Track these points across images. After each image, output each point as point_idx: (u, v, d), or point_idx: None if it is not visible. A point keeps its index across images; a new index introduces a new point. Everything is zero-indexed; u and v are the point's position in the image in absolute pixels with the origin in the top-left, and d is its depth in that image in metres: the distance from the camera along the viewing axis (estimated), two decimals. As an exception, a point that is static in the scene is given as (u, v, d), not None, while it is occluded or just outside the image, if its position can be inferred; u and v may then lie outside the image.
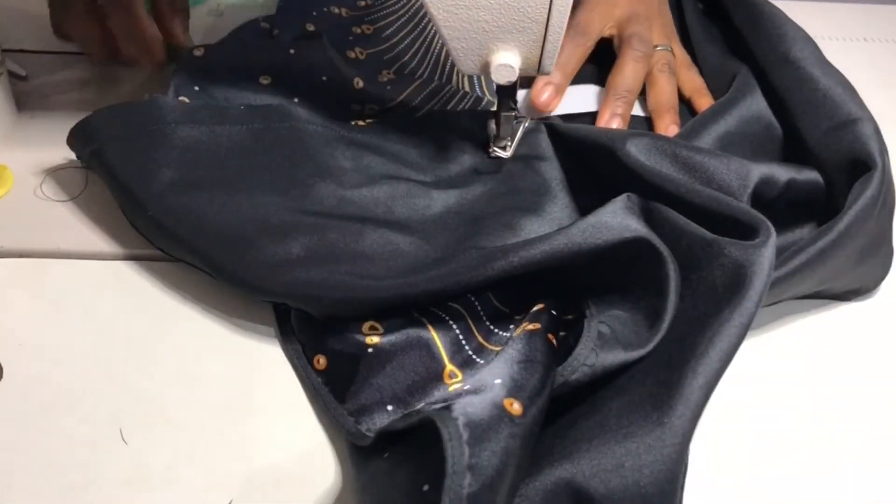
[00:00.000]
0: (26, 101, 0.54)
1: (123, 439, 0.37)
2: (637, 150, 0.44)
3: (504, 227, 0.44)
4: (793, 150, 0.50)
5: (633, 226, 0.39)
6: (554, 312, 0.39)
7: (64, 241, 0.46)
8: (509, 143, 0.49)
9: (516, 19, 0.42)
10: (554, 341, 0.36)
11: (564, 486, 0.31)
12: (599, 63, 0.59)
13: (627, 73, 0.56)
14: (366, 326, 0.39)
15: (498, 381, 0.32)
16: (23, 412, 0.38)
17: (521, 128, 0.50)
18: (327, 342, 0.40)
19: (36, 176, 0.49)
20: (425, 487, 0.29)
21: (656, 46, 0.58)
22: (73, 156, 0.47)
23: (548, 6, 0.41)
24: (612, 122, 0.54)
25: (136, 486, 0.35)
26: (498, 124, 0.48)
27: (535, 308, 0.39)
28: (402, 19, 0.63)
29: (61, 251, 0.45)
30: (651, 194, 0.42)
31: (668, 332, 0.37)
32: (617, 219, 0.39)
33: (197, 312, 0.43)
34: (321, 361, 0.40)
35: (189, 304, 0.43)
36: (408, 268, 0.41)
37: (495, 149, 0.49)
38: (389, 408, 0.37)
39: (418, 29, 0.62)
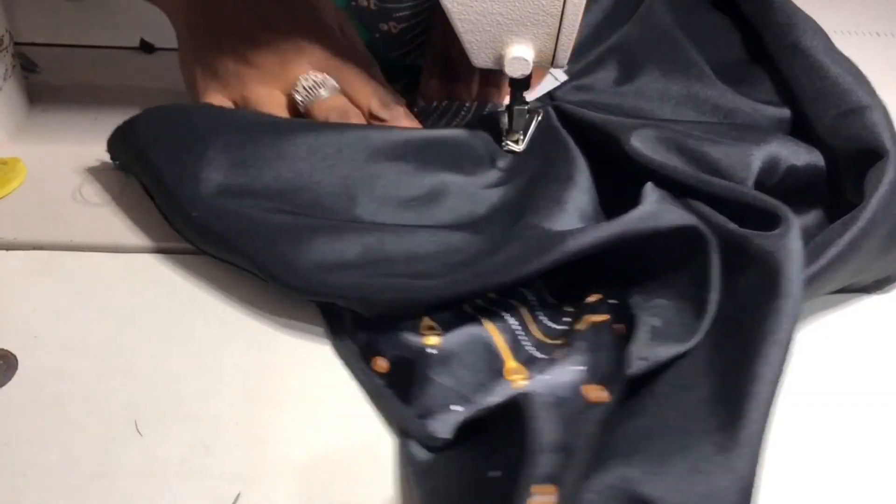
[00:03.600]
0: (39, 94, 0.54)
1: (139, 431, 0.37)
2: (642, 145, 0.44)
3: (551, 201, 0.43)
4: (802, 139, 0.50)
5: (687, 215, 0.39)
6: (613, 302, 0.39)
7: (77, 234, 0.46)
8: (522, 137, 0.49)
9: (531, 12, 0.42)
10: (623, 330, 0.37)
11: (623, 486, 0.30)
12: None
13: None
14: (423, 327, 0.39)
15: (578, 367, 0.33)
16: (38, 404, 0.38)
17: (535, 121, 0.50)
18: (386, 344, 0.40)
19: (49, 168, 0.49)
20: (495, 473, 0.29)
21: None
22: (84, 147, 0.47)
23: (563, -1, 0.41)
24: None
25: (151, 479, 0.35)
26: (511, 118, 0.48)
27: (593, 299, 0.39)
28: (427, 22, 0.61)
29: (75, 244, 0.45)
30: (663, 186, 0.42)
31: (714, 324, 0.37)
32: (671, 208, 0.39)
33: (210, 305, 0.43)
34: (381, 364, 0.39)
35: (202, 296, 0.43)
36: (460, 263, 0.41)
37: (508, 142, 0.49)
38: (455, 408, 0.37)
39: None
